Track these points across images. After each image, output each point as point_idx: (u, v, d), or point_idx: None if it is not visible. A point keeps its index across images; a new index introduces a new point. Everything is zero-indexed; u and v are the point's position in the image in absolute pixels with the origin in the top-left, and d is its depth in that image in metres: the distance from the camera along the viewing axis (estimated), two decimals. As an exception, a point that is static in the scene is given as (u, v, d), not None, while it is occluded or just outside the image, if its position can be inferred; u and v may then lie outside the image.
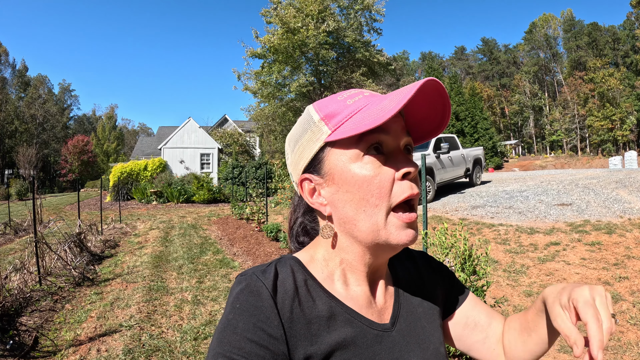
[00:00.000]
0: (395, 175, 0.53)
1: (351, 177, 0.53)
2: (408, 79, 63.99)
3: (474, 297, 0.72)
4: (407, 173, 0.54)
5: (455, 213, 7.96)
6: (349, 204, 0.54)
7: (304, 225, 0.67)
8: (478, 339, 0.68)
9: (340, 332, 0.53)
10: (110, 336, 3.56)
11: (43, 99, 54.28)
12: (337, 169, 0.54)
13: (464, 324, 0.68)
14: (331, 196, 0.56)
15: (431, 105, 0.57)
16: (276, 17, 17.68)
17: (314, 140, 0.56)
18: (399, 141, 0.55)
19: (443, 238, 2.87)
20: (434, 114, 0.59)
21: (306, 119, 0.59)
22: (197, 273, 5.70)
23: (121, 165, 20.09)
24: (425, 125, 0.61)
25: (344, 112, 0.55)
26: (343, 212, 0.55)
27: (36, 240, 4.91)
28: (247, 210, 10.18)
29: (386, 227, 0.53)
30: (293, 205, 0.70)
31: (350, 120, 0.53)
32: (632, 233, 5.54)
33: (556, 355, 3.06)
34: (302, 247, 0.66)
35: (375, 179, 0.53)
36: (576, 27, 63.04)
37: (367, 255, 0.57)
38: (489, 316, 0.69)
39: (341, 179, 0.54)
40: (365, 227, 0.53)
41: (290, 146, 0.61)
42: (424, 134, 0.62)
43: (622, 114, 47.51)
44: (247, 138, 27.37)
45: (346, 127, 0.53)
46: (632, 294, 3.96)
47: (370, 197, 0.52)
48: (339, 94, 0.58)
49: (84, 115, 73.51)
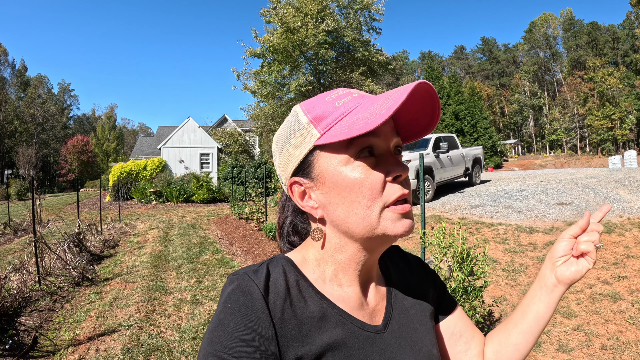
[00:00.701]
0: (385, 178, 0.53)
1: (342, 180, 0.53)
2: (407, 78, 63.99)
3: (462, 311, 0.75)
4: (397, 176, 0.54)
5: (454, 212, 7.96)
6: (341, 206, 0.54)
7: (294, 224, 0.67)
8: (461, 350, 0.70)
9: (332, 334, 0.53)
10: (109, 336, 3.56)
11: (42, 98, 54.24)
12: (327, 173, 0.54)
13: (450, 333, 0.70)
14: (322, 199, 0.56)
15: (421, 107, 0.57)
16: (275, 17, 17.67)
17: (303, 143, 0.55)
18: (389, 143, 0.55)
19: (441, 237, 2.87)
20: (423, 115, 0.58)
21: (294, 120, 0.57)
22: (196, 273, 5.70)
23: (121, 165, 20.08)
24: (414, 126, 0.60)
25: (333, 115, 0.54)
26: (335, 215, 0.55)
27: (35, 240, 4.91)
28: (247, 209, 10.18)
29: (380, 223, 0.53)
30: (281, 203, 0.69)
31: (340, 123, 0.52)
32: (632, 232, 5.54)
33: (555, 354, 3.06)
34: (292, 247, 0.66)
35: (366, 181, 0.52)
36: (576, 26, 63.06)
37: (362, 253, 0.57)
38: (473, 330, 0.72)
39: (332, 182, 0.54)
40: (359, 227, 0.53)
41: (277, 147, 0.60)
42: (413, 134, 0.61)
43: (621, 113, 47.51)
44: (247, 138, 27.36)
45: (336, 131, 0.52)
46: (631, 293, 3.97)
47: (362, 199, 0.52)
48: (326, 94, 0.57)
49: (83, 115, 73.49)
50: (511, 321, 0.69)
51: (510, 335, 0.68)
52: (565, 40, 63.50)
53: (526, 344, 0.67)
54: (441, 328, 0.71)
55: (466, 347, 0.70)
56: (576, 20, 63.90)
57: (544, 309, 0.65)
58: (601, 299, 3.94)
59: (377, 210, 0.53)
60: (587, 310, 3.76)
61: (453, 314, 0.72)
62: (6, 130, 47.63)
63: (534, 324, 0.66)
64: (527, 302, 0.67)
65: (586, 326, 3.48)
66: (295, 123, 0.57)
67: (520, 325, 0.67)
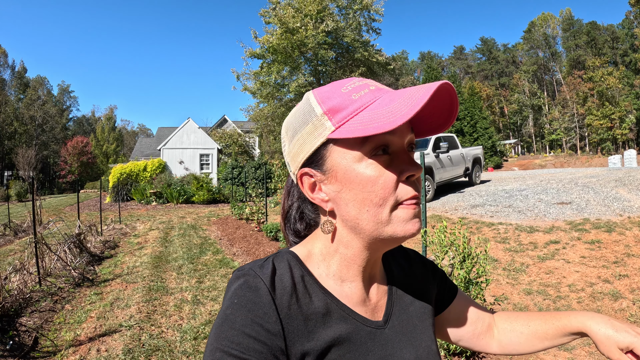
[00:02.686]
0: (399, 178, 0.52)
1: (355, 176, 0.52)
2: (407, 78, 63.93)
3: (463, 295, 0.78)
4: (410, 175, 0.53)
5: (454, 212, 7.96)
6: (352, 202, 0.53)
7: (301, 211, 0.64)
8: (467, 331, 0.74)
9: (336, 329, 0.53)
10: (110, 336, 3.56)
11: (42, 100, 54.26)
12: (340, 168, 0.53)
13: (456, 318, 0.74)
14: (333, 193, 0.54)
15: (438, 104, 0.55)
16: (275, 18, 17.68)
17: (316, 135, 0.53)
18: (403, 140, 0.54)
19: (442, 236, 2.88)
20: (439, 112, 0.57)
21: (307, 109, 0.55)
22: (197, 273, 5.69)
23: (120, 166, 20.08)
24: (429, 122, 0.59)
25: (350, 108, 0.51)
26: (345, 211, 0.54)
27: (36, 241, 4.91)
28: (247, 210, 10.18)
29: (391, 222, 0.52)
30: (287, 188, 0.67)
31: (356, 118, 0.50)
32: (632, 231, 5.55)
33: (557, 353, 3.06)
34: (297, 234, 0.65)
35: (379, 180, 0.51)
36: (575, 26, 63.12)
37: (368, 250, 0.56)
38: (477, 310, 0.75)
39: (345, 178, 0.52)
40: (369, 225, 0.53)
41: (287, 135, 0.58)
42: (427, 129, 0.60)
43: (621, 113, 47.55)
44: (247, 138, 27.35)
45: (351, 126, 0.50)
46: (632, 292, 3.97)
47: (374, 197, 0.51)
48: (342, 84, 0.55)
49: (83, 117, 73.52)
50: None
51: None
52: (564, 40, 63.56)
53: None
54: (446, 315, 0.73)
55: (472, 328, 0.74)
56: (575, 20, 63.97)
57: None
58: (602, 297, 3.94)
59: (388, 210, 0.52)
60: (588, 308, 3.76)
61: (455, 301, 0.75)
62: (6, 132, 47.63)
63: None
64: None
65: (587, 325, 3.47)
66: (309, 112, 0.54)
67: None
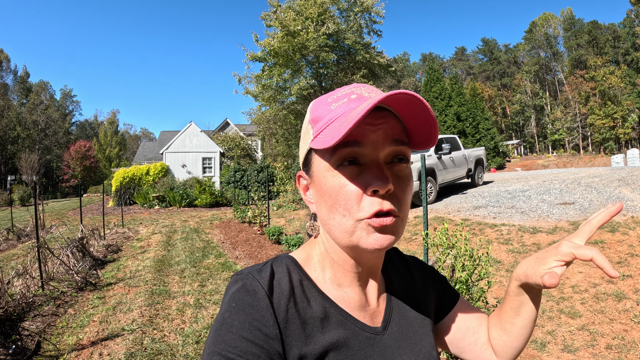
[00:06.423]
0: (364, 191, 0.51)
1: (324, 184, 0.53)
2: (409, 80, 63.98)
3: (465, 302, 0.74)
4: (375, 191, 0.50)
5: (457, 214, 7.94)
6: (324, 208, 0.54)
7: None
8: (469, 342, 0.69)
9: (334, 334, 0.53)
10: (112, 340, 3.56)
11: (45, 104, 54.49)
12: (317, 174, 0.55)
13: (456, 327, 0.70)
14: (315, 197, 0.57)
15: (418, 114, 0.51)
16: (276, 21, 17.71)
17: (306, 141, 0.57)
18: (377, 152, 0.51)
19: (444, 238, 2.87)
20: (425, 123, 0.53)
21: (306, 117, 0.60)
22: (200, 277, 5.70)
23: (123, 170, 20.12)
24: (421, 134, 0.55)
25: (325, 119, 0.54)
26: (321, 214, 0.56)
27: (38, 246, 4.93)
28: (249, 213, 10.18)
29: (355, 233, 0.51)
30: None
31: (327, 130, 0.52)
32: (635, 231, 5.51)
33: (560, 354, 3.04)
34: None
35: (343, 190, 0.51)
36: (576, 25, 62.96)
37: (350, 256, 0.57)
38: (479, 319, 0.71)
39: (319, 184, 0.55)
40: (337, 232, 0.53)
41: (300, 136, 0.63)
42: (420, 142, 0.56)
43: (623, 112, 47.33)
44: (249, 141, 27.37)
45: (321, 137, 0.52)
46: (635, 292, 3.94)
47: (339, 207, 0.52)
48: (333, 93, 0.57)
49: (85, 121, 73.90)
50: None
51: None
52: (565, 40, 63.40)
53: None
54: (447, 322, 0.71)
55: (474, 338, 0.70)
56: (576, 19, 63.80)
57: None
58: (606, 298, 3.92)
59: (352, 220, 0.51)
60: (592, 309, 3.74)
61: (456, 308, 0.71)
62: (9, 137, 47.86)
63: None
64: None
65: (591, 326, 3.46)
66: (306, 120, 0.59)
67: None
